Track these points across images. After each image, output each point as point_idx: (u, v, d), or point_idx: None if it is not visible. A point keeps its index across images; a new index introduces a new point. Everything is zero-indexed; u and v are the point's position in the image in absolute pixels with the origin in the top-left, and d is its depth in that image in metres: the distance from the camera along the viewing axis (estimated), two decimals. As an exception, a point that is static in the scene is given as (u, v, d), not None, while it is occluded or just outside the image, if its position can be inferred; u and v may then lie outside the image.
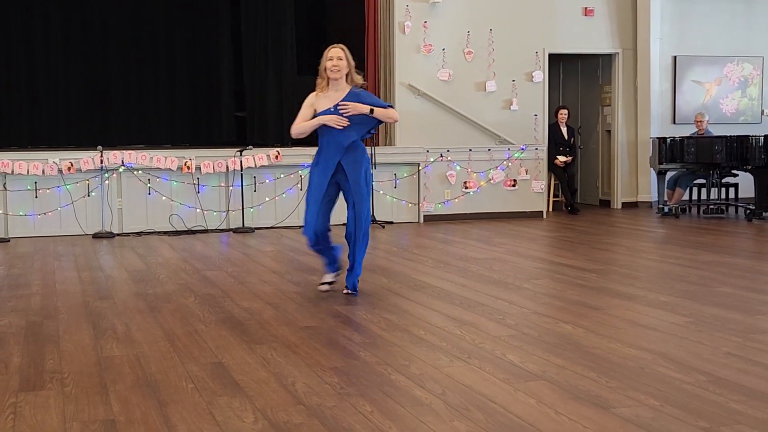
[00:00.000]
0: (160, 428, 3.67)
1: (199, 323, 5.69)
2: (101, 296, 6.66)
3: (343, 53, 6.56)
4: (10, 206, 10.55)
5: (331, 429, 3.65)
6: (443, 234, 10.60)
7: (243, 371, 4.52)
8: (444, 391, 4.16)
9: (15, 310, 6.15)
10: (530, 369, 4.52)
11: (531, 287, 6.92)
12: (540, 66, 12.76)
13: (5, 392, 4.19)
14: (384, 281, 7.25)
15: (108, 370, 4.58)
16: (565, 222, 11.92)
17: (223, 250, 9.43)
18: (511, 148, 12.37)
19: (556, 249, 9.45)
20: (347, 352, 4.92)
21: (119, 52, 14.77)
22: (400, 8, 12.14)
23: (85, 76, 14.68)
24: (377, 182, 11.67)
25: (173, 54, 15.24)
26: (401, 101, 12.17)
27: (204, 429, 3.66)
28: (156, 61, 15.16)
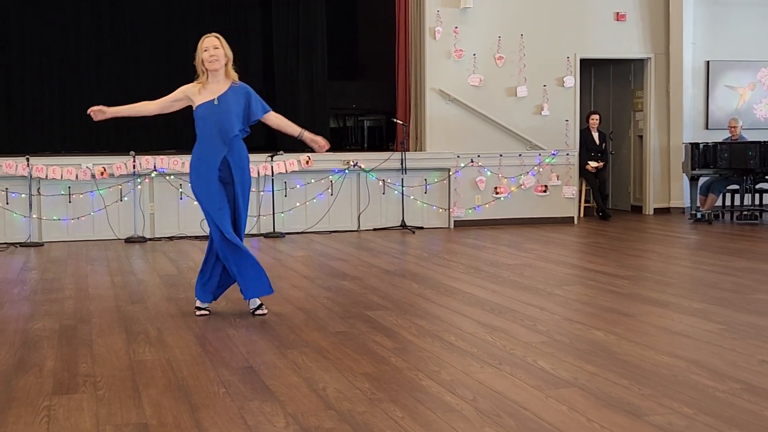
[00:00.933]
0: (192, 432, 3.69)
1: (230, 328, 5.71)
2: (133, 300, 6.71)
3: (219, 42, 6.13)
4: (44, 211, 10.66)
5: (361, 434, 3.65)
6: (474, 239, 10.57)
7: (274, 376, 4.53)
8: (475, 397, 4.14)
9: (49, 314, 6.21)
10: (562, 376, 4.49)
11: (562, 293, 6.88)
12: (571, 71, 12.70)
13: (39, 395, 4.23)
14: (414, 286, 7.24)
15: (140, 374, 4.61)
16: (597, 228, 11.85)
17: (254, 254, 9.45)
18: (542, 154, 12.32)
19: (588, 255, 9.40)
20: (378, 357, 4.92)
21: (151, 58, 14.88)
22: (430, 14, 12.14)
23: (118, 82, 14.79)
24: (408, 187, 11.67)
25: (204, 60, 15.34)
26: (432, 106, 12.16)
27: (235, 433, 3.67)
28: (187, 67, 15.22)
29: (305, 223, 11.42)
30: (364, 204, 11.62)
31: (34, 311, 6.34)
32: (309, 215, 11.45)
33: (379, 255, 9.23)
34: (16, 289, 7.34)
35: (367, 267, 8.36)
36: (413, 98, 12.32)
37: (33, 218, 10.54)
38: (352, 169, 11.51)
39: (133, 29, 14.87)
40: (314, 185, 11.44)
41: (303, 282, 7.53)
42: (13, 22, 14.30)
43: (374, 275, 7.86)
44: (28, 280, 7.83)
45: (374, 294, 6.89)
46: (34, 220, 10.58)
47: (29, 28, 14.39)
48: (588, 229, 11.68)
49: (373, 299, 6.68)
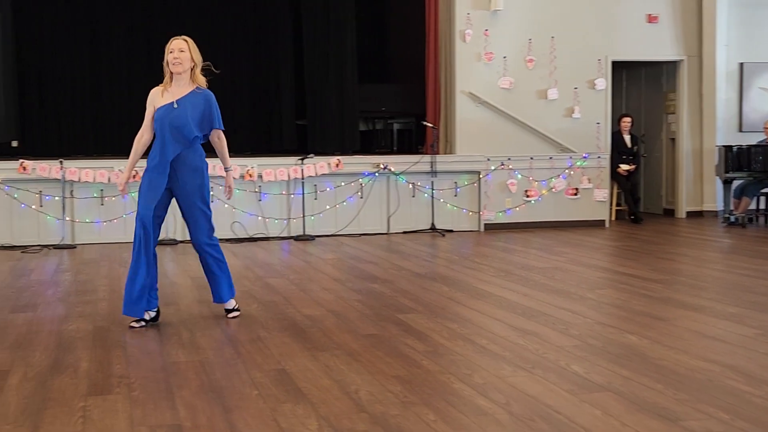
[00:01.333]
0: (226, 434, 3.70)
1: (262, 330, 5.73)
2: (166, 302, 6.74)
3: (186, 45, 6.07)
4: (77, 213, 10.76)
5: (394, 437, 3.65)
6: (504, 243, 10.53)
7: (306, 378, 4.54)
8: (508, 401, 4.12)
9: (83, 316, 6.26)
10: (595, 380, 4.47)
11: (594, 297, 6.84)
12: (603, 73, 12.63)
13: (75, 396, 4.27)
14: (445, 290, 7.23)
15: (174, 375, 4.63)
16: (629, 231, 11.76)
17: (284, 257, 9.49)
18: (573, 157, 12.25)
19: (620, 258, 9.34)
20: (410, 360, 4.91)
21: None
22: (461, 16, 12.12)
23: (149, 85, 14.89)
24: (438, 190, 11.65)
25: (234, 63, 15.41)
26: (462, 109, 12.14)
27: (269, 435, 3.68)
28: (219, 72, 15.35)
29: (335, 226, 11.43)
30: (394, 207, 11.62)
31: (68, 313, 6.40)
32: (339, 218, 11.46)
33: (409, 258, 9.23)
34: (50, 290, 7.41)
35: (398, 270, 8.36)
36: (443, 101, 12.31)
37: (66, 221, 10.64)
38: (381, 172, 11.51)
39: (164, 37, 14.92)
40: (344, 188, 11.45)
41: (333, 285, 7.54)
42: (47, 28, 14.46)
43: (404, 278, 7.85)
44: (61, 281, 7.90)
45: (405, 297, 6.89)
46: (68, 222, 10.68)
47: (62, 34, 14.55)
48: (620, 233, 11.61)
49: (404, 302, 6.67)
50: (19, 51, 13.43)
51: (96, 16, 14.76)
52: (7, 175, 10.51)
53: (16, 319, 6.17)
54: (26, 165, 10.51)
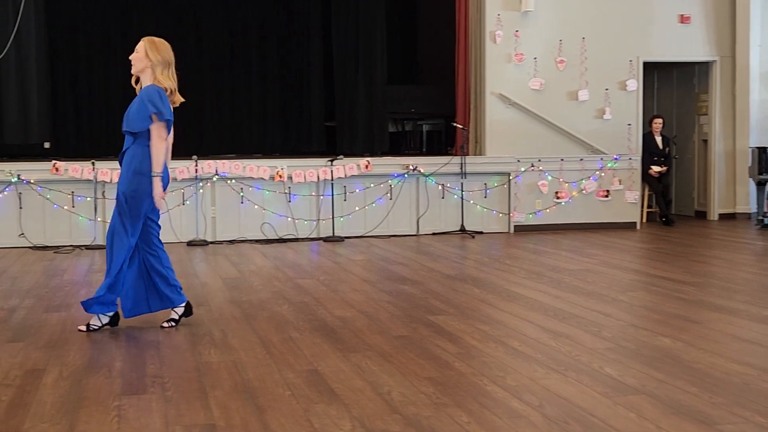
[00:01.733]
0: (260, 434, 3.71)
1: (293, 331, 5.74)
2: (197, 303, 6.77)
3: (141, 46, 5.95)
4: (109, 214, 10.77)
5: (428, 439, 3.64)
6: (534, 244, 10.49)
7: (338, 379, 4.54)
8: (541, 403, 4.10)
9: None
10: (629, 383, 4.43)
11: (627, 299, 6.79)
12: (634, 74, 12.55)
13: (109, 395, 4.30)
14: (476, 291, 7.21)
15: (207, 375, 4.65)
16: (660, 233, 11.67)
17: (313, 258, 9.51)
18: (604, 158, 12.18)
19: (651, 261, 9.26)
20: (442, 362, 4.90)
21: (212, 63, 15.07)
22: (491, 17, 12.09)
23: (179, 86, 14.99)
24: (467, 191, 11.62)
25: (265, 64, 15.48)
26: (492, 110, 12.10)
27: (302, 436, 3.69)
28: (248, 72, 15.42)
29: (364, 227, 11.43)
30: (424, 208, 11.61)
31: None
32: (368, 219, 11.47)
33: (439, 259, 9.21)
34: (83, 290, 7.47)
35: (428, 271, 8.35)
36: (473, 102, 12.28)
37: (98, 221, 10.72)
38: (411, 174, 11.50)
39: (196, 39, 15.07)
40: (373, 189, 11.46)
41: (364, 286, 7.54)
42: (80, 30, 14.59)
43: (435, 280, 7.84)
44: (94, 282, 7.96)
45: (436, 298, 6.88)
46: (99, 223, 10.76)
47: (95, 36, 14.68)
48: (651, 235, 11.52)
49: (435, 304, 6.66)
50: (51, 52, 13.55)
51: (128, 18, 14.87)
52: (40, 176, 10.61)
53: (50, 318, 6.22)
54: (59, 166, 10.61)
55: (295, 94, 15.53)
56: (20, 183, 10.53)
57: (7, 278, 8.17)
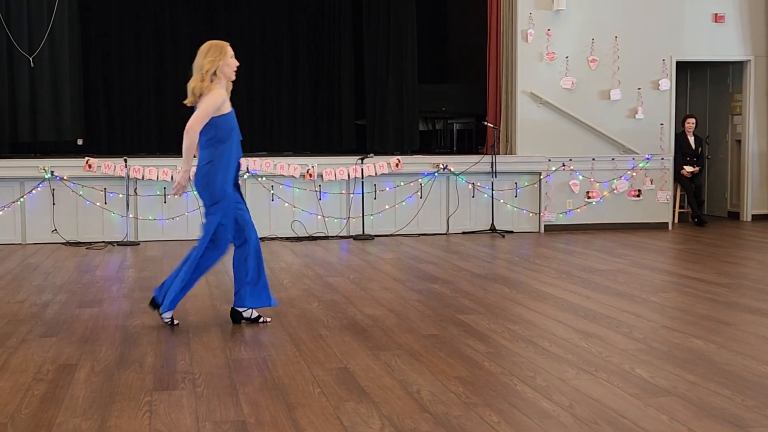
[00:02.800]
0: (289, 431, 3.72)
1: (323, 329, 5.75)
2: (228, 300, 6.79)
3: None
4: (140, 211, 10.92)
5: (458, 438, 3.63)
6: (564, 244, 10.44)
7: (368, 377, 4.55)
8: (572, 404, 4.08)
9: (147, 312, 6.33)
10: (661, 384, 4.40)
11: (658, 300, 6.74)
12: (667, 74, 12.44)
13: (141, 390, 4.33)
14: (506, 291, 7.19)
15: (237, 372, 4.67)
16: (692, 234, 11.58)
17: (343, 256, 9.52)
18: (636, 158, 12.10)
19: (683, 262, 9.19)
20: (471, 361, 4.89)
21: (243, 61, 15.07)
22: (523, 16, 12.04)
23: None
24: (498, 191, 11.59)
25: (295, 62, 15.51)
26: (523, 109, 12.06)
27: (332, 434, 3.70)
28: (279, 70, 15.46)
29: (394, 226, 11.44)
30: (454, 207, 11.59)
31: (132, 309, 6.49)
32: (398, 218, 11.47)
33: (469, 258, 9.19)
34: (115, 286, 7.53)
35: (457, 270, 8.33)
36: (504, 101, 12.24)
37: (130, 218, 10.81)
38: (441, 172, 11.48)
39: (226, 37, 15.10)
40: (404, 188, 11.45)
41: (393, 284, 7.54)
42: (113, 28, 14.70)
43: (465, 279, 7.82)
44: (126, 278, 8.03)
45: (465, 298, 6.86)
46: (131, 219, 10.84)
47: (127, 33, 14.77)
48: (683, 236, 11.42)
49: (465, 303, 6.65)
50: (84, 50, 13.66)
51: (160, 16, 14.96)
52: (73, 172, 10.71)
53: (82, 314, 6.28)
54: (91, 163, 10.70)
55: (326, 93, 15.55)
56: (53, 179, 10.63)
57: (40, 274, 8.25)
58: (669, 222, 12.21)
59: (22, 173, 10.67)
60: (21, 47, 11.91)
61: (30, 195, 10.68)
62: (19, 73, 12.07)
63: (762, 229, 12.05)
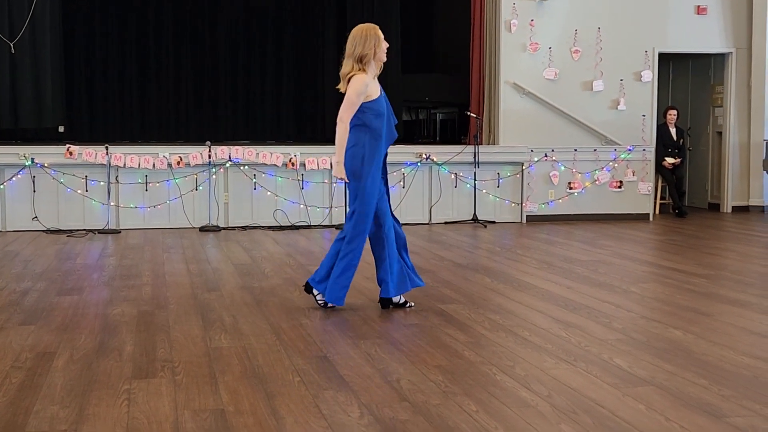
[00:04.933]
0: (268, 420, 3.72)
1: (304, 317, 5.75)
2: (209, 288, 6.80)
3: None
4: (122, 199, 10.87)
5: (436, 427, 3.64)
6: (546, 235, 10.47)
7: (348, 366, 4.55)
8: (550, 393, 4.10)
9: (127, 300, 6.33)
10: (639, 374, 4.43)
11: (638, 291, 6.78)
12: (649, 65, 12.49)
13: (119, 379, 4.32)
14: (487, 281, 7.21)
15: (217, 360, 4.67)
16: (673, 225, 11.63)
17: (326, 245, 9.51)
18: (618, 149, 12.14)
19: (664, 252, 9.24)
20: (451, 350, 4.90)
21: (228, 50, 15.07)
22: (507, 6, 12.04)
23: (194, 72, 15.02)
24: (480, 181, 11.61)
25: (279, 51, 15.47)
26: (506, 100, 12.07)
27: (311, 422, 3.70)
28: (263, 59, 15.42)
29: (377, 215, 11.42)
30: (436, 197, 11.60)
31: (113, 297, 6.47)
32: (381, 207, 11.45)
33: (451, 248, 9.21)
34: (95, 274, 7.50)
35: (439, 260, 8.35)
36: (487, 91, 12.25)
37: (111, 206, 10.76)
38: (424, 162, 11.49)
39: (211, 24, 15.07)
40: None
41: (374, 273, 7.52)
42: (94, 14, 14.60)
43: (446, 268, 7.84)
44: (106, 266, 8.00)
45: (447, 287, 6.88)
46: (112, 207, 10.80)
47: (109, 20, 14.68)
48: (664, 227, 11.48)
49: (446, 292, 6.66)
50: (66, 37, 13.58)
51: (144, 2, 14.87)
52: (54, 159, 10.65)
53: (62, 302, 6.26)
54: (72, 150, 10.65)
55: (309, 82, 15.52)
56: (34, 166, 10.57)
57: (20, 261, 8.21)
58: (650, 213, 12.27)
59: (2, 160, 10.59)
60: (2, 33, 11.81)
61: (10, 182, 10.61)
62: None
63: (742, 220, 12.13)
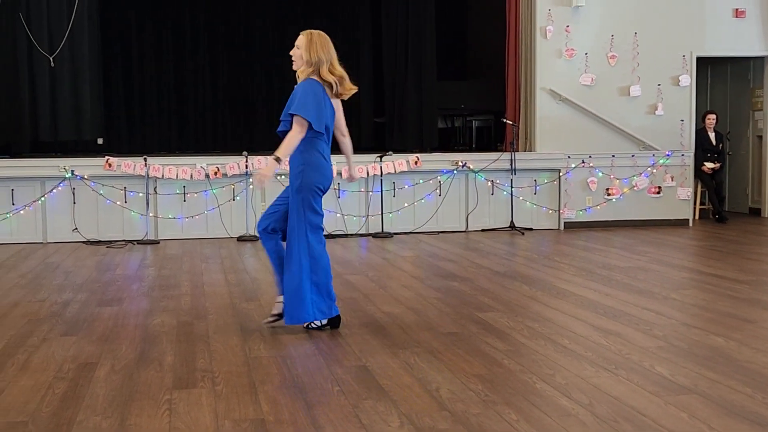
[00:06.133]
0: (308, 430, 3.73)
1: (342, 326, 5.75)
2: (247, 298, 6.83)
3: (301, 41, 6.01)
4: (160, 209, 10.96)
5: (476, 436, 3.63)
6: (584, 241, 10.40)
7: (387, 375, 4.55)
8: (591, 401, 4.07)
9: (167, 310, 6.38)
10: (681, 382, 4.38)
11: (678, 297, 6.70)
12: (687, 69, 12.36)
13: (160, 389, 4.34)
14: (525, 288, 7.17)
15: (256, 370, 4.68)
16: (713, 231, 11.50)
17: (362, 254, 9.53)
18: (656, 154, 12.03)
19: (704, 258, 9.13)
20: (490, 359, 4.88)
21: (263, 60, 15.14)
22: (542, 13, 12.00)
23: (231, 83, 15.11)
24: (517, 188, 11.56)
25: (314, 61, 15.51)
26: (542, 106, 12.01)
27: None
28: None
29: (413, 224, 11.43)
30: (473, 204, 11.57)
31: (152, 307, 6.52)
32: (417, 215, 11.46)
33: (488, 256, 9.17)
34: (134, 285, 7.57)
35: (477, 268, 8.32)
36: (523, 98, 12.20)
37: (150, 216, 10.86)
38: (460, 170, 11.47)
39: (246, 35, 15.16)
40: (422, 186, 11.45)
41: (412, 282, 7.54)
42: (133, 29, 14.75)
43: (484, 276, 7.81)
44: (145, 276, 8.06)
45: (484, 295, 6.85)
46: (151, 218, 10.89)
47: (147, 33, 14.82)
48: (704, 232, 11.35)
49: (484, 300, 6.63)
50: (104, 50, 13.72)
51: (179, 15, 15.00)
52: (93, 171, 10.77)
53: (103, 312, 6.32)
54: (111, 162, 10.76)
55: (345, 91, 15.54)
56: (74, 178, 10.70)
57: (61, 272, 8.30)
58: (689, 219, 12.14)
59: (42, 173, 10.73)
60: (41, 47, 11.98)
61: (51, 194, 10.74)
62: (39, 73, 12.16)
63: (784, 225, 11.96)
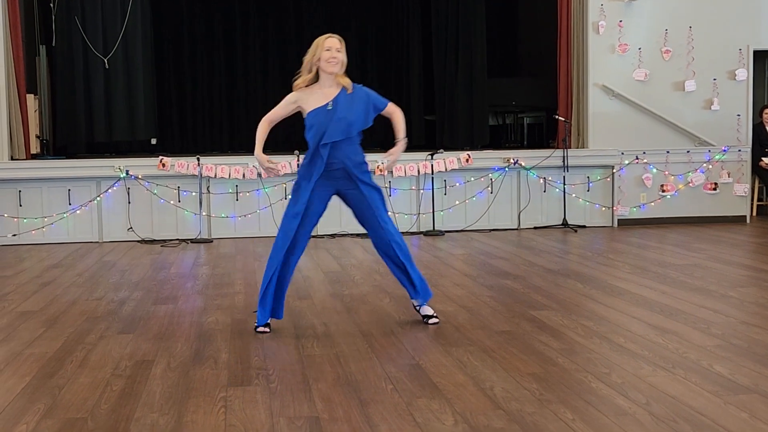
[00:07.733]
0: (363, 427, 3.73)
1: (394, 324, 5.75)
2: (300, 296, 6.86)
3: (341, 45, 5.79)
4: (213, 208, 11.06)
5: (532, 436, 3.60)
6: (638, 239, 10.27)
7: (440, 374, 4.53)
8: (648, 401, 4.01)
9: (221, 308, 6.43)
10: (741, 382, 4.29)
11: (737, 295, 6.59)
12: (744, 63, 12.14)
13: (216, 386, 4.38)
14: (579, 286, 7.10)
15: (310, 368, 4.70)
16: (771, 227, 11.30)
17: (414, 252, 9.51)
18: (712, 150, 11.84)
19: (762, 255, 8.96)
20: (545, 358, 4.84)
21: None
22: (594, 8, 11.87)
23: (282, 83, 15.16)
24: (570, 185, 11.46)
25: (364, 59, 15.54)
26: (595, 102, 11.89)
27: (405, 430, 3.69)
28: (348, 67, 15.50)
29: (465, 221, 11.39)
30: (525, 202, 11.49)
31: (206, 305, 6.58)
32: (468, 213, 11.41)
33: (541, 254, 9.10)
34: (189, 283, 7.64)
35: (529, 266, 8.26)
36: (575, 94, 12.08)
37: (203, 215, 10.96)
38: (512, 167, 11.40)
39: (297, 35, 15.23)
40: (474, 183, 11.40)
41: (465, 280, 7.51)
42: (185, 30, 14.91)
43: (537, 274, 7.75)
44: (199, 275, 8.14)
45: (538, 293, 6.80)
46: (204, 217, 10.99)
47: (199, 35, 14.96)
48: (761, 229, 11.15)
49: (537, 299, 6.58)
50: (157, 51, 13.88)
51: (230, 17, 15.12)
52: (147, 171, 10.90)
53: (158, 310, 6.39)
54: (165, 162, 10.88)
55: (395, 89, 15.53)
56: (128, 178, 10.84)
57: (117, 271, 8.42)
58: (747, 215, 11.94)
59: (98, 173, 10.89)
60: (96, 49, 12.17)
61: (106, 194, 10.90)
62: (94, 74, 12.36)
63: None
